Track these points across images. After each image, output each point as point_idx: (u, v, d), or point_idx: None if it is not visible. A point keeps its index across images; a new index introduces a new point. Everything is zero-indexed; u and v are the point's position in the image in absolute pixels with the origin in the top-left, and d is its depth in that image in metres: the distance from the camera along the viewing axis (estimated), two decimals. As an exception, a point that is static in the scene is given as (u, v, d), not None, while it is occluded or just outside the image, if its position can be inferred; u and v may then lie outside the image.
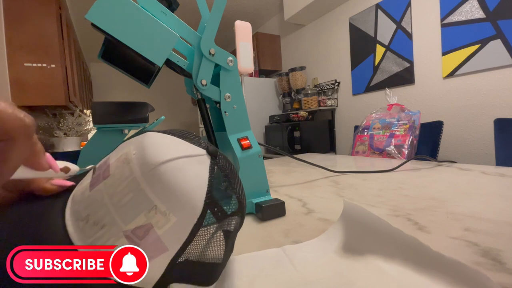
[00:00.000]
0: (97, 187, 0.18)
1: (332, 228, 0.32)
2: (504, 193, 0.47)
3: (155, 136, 0.20)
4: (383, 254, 0.26)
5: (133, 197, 0.17)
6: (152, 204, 0.17)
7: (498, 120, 1.19)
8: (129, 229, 0.17)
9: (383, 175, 0.68)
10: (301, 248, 0.29)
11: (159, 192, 0.17)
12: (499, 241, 0.29)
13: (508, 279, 0.22)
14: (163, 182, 0.17)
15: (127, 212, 0.17)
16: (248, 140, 0.43)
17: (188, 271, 0.20)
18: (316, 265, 0.26)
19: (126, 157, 0.18)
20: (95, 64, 4.30)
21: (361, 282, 0.23)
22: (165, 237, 0.18)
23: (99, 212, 0.17)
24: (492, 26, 1.43)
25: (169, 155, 0.18)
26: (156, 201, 0.17)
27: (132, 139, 0.20)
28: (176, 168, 0.18)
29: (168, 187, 0.17)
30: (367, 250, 0.27)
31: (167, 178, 0.17)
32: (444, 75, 1.67)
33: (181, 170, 0.18)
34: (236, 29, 0.43)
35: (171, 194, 0.17)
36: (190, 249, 0.19)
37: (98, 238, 0.17)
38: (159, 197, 0.17)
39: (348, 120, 2.37)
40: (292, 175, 0.77)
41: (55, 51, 1.70)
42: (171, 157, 0.18)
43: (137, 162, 0.18)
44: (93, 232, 0.17)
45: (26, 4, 1.61)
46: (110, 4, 0.31)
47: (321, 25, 2.56)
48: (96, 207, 0.17)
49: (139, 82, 0.43)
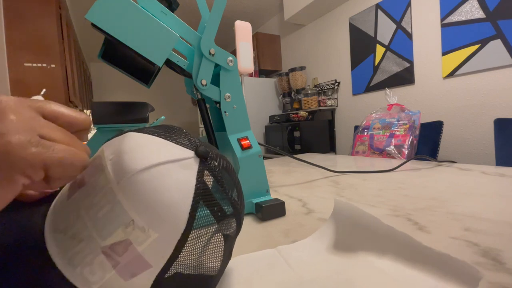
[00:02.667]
0: (73, 196, 0.17)
1: (324, 227, 0.32)
2: (504, 193, 0.47)
3: (135, 138, 0.18)
4: (375, 251, 0.26)
5: (110, 210, 0.15)
6: (129, 219, 0.15)
7: (498, 120, 1.19)
8: (107, 245, 0.15)
9: (383, 175, 0.68)
10: (295, 248, 0.30)
11: (136, 205, 0.15)
12: (499, 241, 0.29)
13: (508, 279, 0.22)
14: (140, 194, 0.15)
15: (104, 227, 0.15)
16: (248, 140, 0.43)
17: (179, 285, 0.18)
18: (310, 264, 0.26)
19: (100, 162, 0.17)
20: (95, 64, 4.30)
21: (355, 279, 0.23)
22: (147, 254, 0.16)
23: (76, 225, 0.16)
24: (492, 26, 1.43)
25: (149, 161, 0.16)
26: (133, 215, 0.15)
27: (113, 140, 0.19)
28: (155, 177, 0.16)
29: (145, 199, 0.15)
30: (360, 247, 0.27)
31: (144, 188, 0.15)
32: (444, 75, 1.67)
33: (161, 179, 0.16)
34: (236, 29, 0.43)
35: (149, 208, 0.16)
36: (178, 263, 0.17)
37: (76, 253, 0.16)
38: (137, 211, 0.15)
39: (348, 120, 2.37)
40: (292, 175, 0.77)
41: (55, 51, 1.70)
42: (150, 164, 0.16)
43: (113, 168, 0.16)
44: (71, 246, 0.16)
45: (26, 4, 1.62)
46: (110, 4, 0.31)
47: (321, 25, 2.56)
48: (73, 219, 0.16)
49: (139, 82, 0.43)
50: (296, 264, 0.26)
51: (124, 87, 4.41)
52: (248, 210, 0.43)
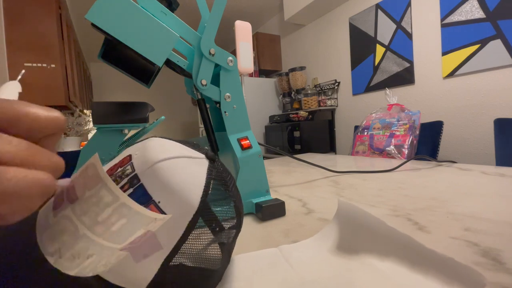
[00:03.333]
0: (63, 212, 0.16)
1: (327, 228, 0.32)
2: (504, 193, 0.47)
3: (157, 139, 0.21)
4: (378, 253, 0.26)
5: (126, 223, 0.15)
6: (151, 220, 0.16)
7: (498, 120, 1.19)
8: (125, 245, 0.15)
9: (383, 175, 0.68)
10: (296, 248, 0.30)
11: (155, 188, 0.17)
12: (499, 241, 0.29)
13: (508, 279, 0.22)
14: (158, 178, 0.17)
15: (121, 235, 0.15)
16: (248, 140, 0.43)
17: (182, 276, 0.19)
18: (312, 264, 0.26)
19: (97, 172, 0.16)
20: (95, 64, 4.30)
21: (357, 281, 0.23)
22: (160, 233, 0.17)
23: (76, 246, 0.15)
24: (492, 26, 1.43)
25: (170, 154, 0.19)
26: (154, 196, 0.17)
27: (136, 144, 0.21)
28: (174, 166, 0.18)
29: (163, 182, 0.17)
30: (362, 249, 0.27)
31: (163, 174, 0.18)
32: (444, 75, 1.67)
33: (179, 168, 0.19)
34: (236, 29, 0.43)
35: (166, 189, 0.17)
36: (184, 250, 0.18)
37: (84, 267, 0.15)
38: (155, 193, 0.17)
39: (348, 120, 2.37)
40: (292, 175, 0.77)
41: (55, 51, 1.70)
42: (171, 156, 0.19)
43: (137, 162, 0.18)
44: (75, 265, 0.15)
45: (26, 4, 1.61)
46: (110, 4, 0.31)
47: (321, 25, 2.56)
48: (70, 239, 0.15)
49: (139, 82, 0.43)
50: (297, 264, 0.26)
51: (124, 87, 4.41)
52: (248, 210, 0.43)
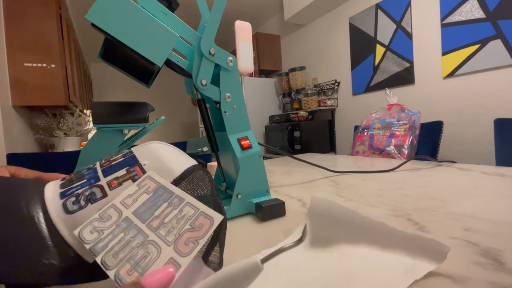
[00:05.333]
0: (118, 215, 0.17)
1: (301, 226, 0.33)
2: (504, 193, 0.47)
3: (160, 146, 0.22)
4: (353, 241, 0.29)
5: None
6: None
7: (498, 120, 1.19)
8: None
9: (383, 175, 0.68)
10: (279, 251, 0.29)
11: (144, 156, 0.20)
12: (499, 241, 0.29)
13: (508, 279, 0.22)
14: (149, 149, 0.20)
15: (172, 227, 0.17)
16: (248, 140, 0.43)
17: None
18: (300, 264, 0.27)
19: None
20: (95, 64, 4.30)
21: (347, 269, 0.25)
22: None
23: (139, 253, 0.15)
24: (492, 26, 1.43)
25: None
26: (141, 160, 0.20)
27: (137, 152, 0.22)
28: (167, 147, 0.21)
29: (152, 151, 0.20)
30: (338, 240, 0.29)
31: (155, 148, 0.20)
32: (444, 75, 1.67)
33: (171, 149, 0.21)
34: (236, 29, 0.43)
35: (153, 156, 0.20)
36: None
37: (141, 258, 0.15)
38: (142, 159, 0.20)
39: (348, 120, 2.37)
40: (292, 175, 0.77)
41: (55, 51, 1.70)
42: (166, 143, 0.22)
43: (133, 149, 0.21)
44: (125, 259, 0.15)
45: (26, 4, 1.62)
46: (110, 4, 0.31)
47: (321, 25, 2.56)
48: (141, 254, 0.15)
49: (139, 82, 0.43)
50: (289, 268, 0.26)
51: (124, 87, 4.40)
52: (248, 210, 0.43)
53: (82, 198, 0.17)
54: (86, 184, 0.18)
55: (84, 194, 0.17)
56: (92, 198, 0.17)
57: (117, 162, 0.19)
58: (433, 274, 0.24)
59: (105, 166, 0.19)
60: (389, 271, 0.24)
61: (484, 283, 0.22)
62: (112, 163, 0.20)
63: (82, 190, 0.18)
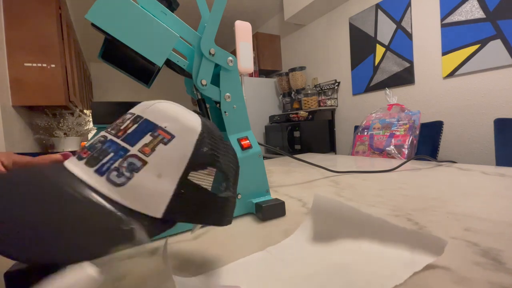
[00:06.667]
0: None
1: (306, 222, 0.34)
2: (504, 193, 0.47)
3: None
4: (354, 236, 0.29)
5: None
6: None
7: (498, 120, 1.19)
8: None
9: (383, 175, 0.68)
10: (283, 246, 0.31)
11: (159, 118, 0.20)
12: (499, 241, 0.29)
13: (508, 279, 0.22)
14: (161, 110, 0.21)
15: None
16: (248, 140, 0.43)
17: (196, 204, 0.21)
18: (303, 259, 0.28)
19: None
20: (95, 64, 4.30)
21: (346, 264, 0.26)
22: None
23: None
24: (492, 26, 1.43)
25: None
26: (162, 124, 0.20)
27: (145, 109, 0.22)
28: (172, 104, 0.22)
29: (166, 112, 0.21)
30: (339, 236, 0.30)
31: (165, 107, 0.21)
32: (444, 75, 1.67)
33: (177, 106, 0.22)
34: (236, 29, 0.43)
35: (170, 117, 0.21)
36: (193, 174, 0.20)
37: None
38: (159, 121, 0.20)
39: (348, 120, 2.37)
40: (292, 175, 0.77)
41: (55, 51, 1.70)
42: (166, 101, 0.23)
43: (134, 111, 0.22)
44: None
45: (26, 4, 1.62)
46: (110, 4, 0.31)
47: (321, 25, 2.56)
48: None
49: (139, 82, 0.43)
50: (291, 262, 0.27)
51: (124, 87, 4.40)
52: (248, 210, 0.43)
53: (123, 170, 0.18)
54: (117, 157, 0.19)
55: (123, 166, 0.18)
56: (134, 168, 0.18)
57: (132, 129, 0.20)
58: (432, 267, 0.24)
59: (122, 136, 0.20)
60: (389, 264, 0.25)
61: (484, 283, 0.22)
62: (127, 131, 0.20)
63: (118, 163, 0.19)
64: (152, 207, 0.19)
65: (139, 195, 0.18)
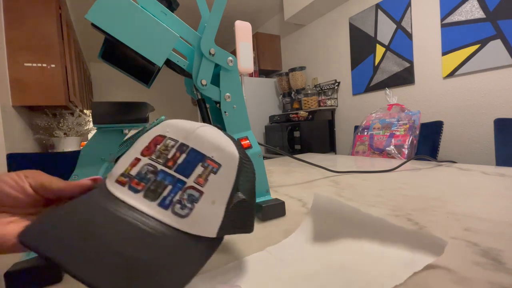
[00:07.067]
0: None
1: (306, 222, 0.34)
2: (504, 193, 0.47)
3: (176, 120, 0.26)
4: (354, 236, 0.29)
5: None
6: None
7: (498, 120, 1.19)
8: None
9: (383, 175, 0.68)
10: (283, 247, 0.31)
11: (205, 147, 0.22)
12: (499, 241, 0.29)
13: (508, 279, 0.22)
14: (205, 139, 0.22)
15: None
16: (248, 140, 0.43)
17: (236, 219, 0.23)
18: (303, 259, 0.28)
19: None
20: (95, 64, 4.30)
21: (346, 263, 0.26)
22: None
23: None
24: (492, 26, 1.43)
25: (199, 123, 0.24)
26: (207, 153, 0.22)
27: None
28: (210, 129, 0.24)
29: (210, 141, 0.22)
30: (340, 235, 0.30)
31: (207, 135, 0.23)
32: (444, 75, 1.67)
33: (214, 130, 0.24)
34: (236, 29, 0.43)
35: (215, 146, 0.22)
36: (237, 189, 0.23)
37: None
38: (206, 151, 0.22)
39: (348, 120, 2.37)
40: (292, 175, 0.77)
41: (55, 51, 1.70)
42: (202, 124, 0.24)
43: (174, 135, 0.23)
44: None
45: (26, 4, 1.61)
46: (110, 4, 0.31)
47: (321, 25, 2.56)
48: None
49: (139, 82, 0.43)
50: (291, 262, 0.27)
51: (124, 87, 4.40)
52: (248, 210, 0.43)
53: (185, 202, 0.20)
54: (176, 189, 0.20)
55: (184, 199, 0.20)
56: (194, 199, 0.20)
57: (182, 159, 0.21)
58: (432, 267, 0.24)
59: (173, 167, 0.21)
60: (389, 264, 0.25)
61: (484, 283, 0.22)
62: (176, 161, 0.21)
63: (179, 195, 0.20)
64: (209, 229, 0.21)
65: (199, 222, 0.21)
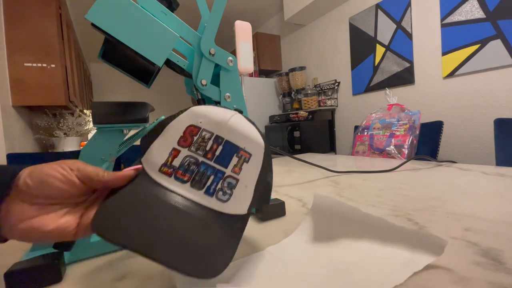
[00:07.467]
0: None
1: (306, 222, 0.34)
2: (504, 193, 0.47)
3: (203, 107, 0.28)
4: (354, 236, 0.30)
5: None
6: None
7: (498, 120, 1.19)
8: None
9: (383, 175, 0.68)
10: (283, 246, 0.31)
11: (238, 139, 0.25)
12: (499, 241, 0.29)
13: (508, 279, 0.22)
14: (237, 131, 0.25)
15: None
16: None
17: (260, 196, 0.27)
18: (303, 258, 0.28)
19: None
20: (95, 64, 4.30)
21: (346, 263, 0.26)
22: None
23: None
24: (492, 26, 1.43)
25: (228, 112, 0.27)
26: (240, 145, 0.25)
27: None
28: (239, 119, 0.26)
29: (242, 133, 0.25)
30: (340, 235, 0.30)
31: (238, 127, 0.25)
32: (444, 75, 1.67)
33: (243, 120, 0.26)
34: (236, 29, 0.43)
35: (245, 137, 0.25)
36: (262, 174, 0.26)
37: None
38: (239, 142, 0.25)
39: (348, 120, 2.37)
40: (292, 175, 0.77)
41: (55, 51, 1.70)
42: (232, 113, 0.27)
43: (208, 126, 0.26)
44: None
45: (26, 4, 1.62)
46: (110, 4, 0.31)
47: (321, 25, 2.56)
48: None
49: (139, 82, 0.43)
50: (292, 261, 0.27)
51: (124, 87, 4.40)
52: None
53: (225, 189, 0.24)
54: (217, 179, 0.24)
55: (224, 186, 0.24)
56: (232, 186, 0.24)
57: (219, 151, 0.25)
58: (432, 267, 0.24)
59: (212, 159, 0.24)
60: (389, 264, 0.25)
61: (484, 283, 0.22)
62: (215, 153, 0.24)
63: (220, 184, 0.24)
64: (242, 208, 0.25)
65: (236, 204, 0.24)
